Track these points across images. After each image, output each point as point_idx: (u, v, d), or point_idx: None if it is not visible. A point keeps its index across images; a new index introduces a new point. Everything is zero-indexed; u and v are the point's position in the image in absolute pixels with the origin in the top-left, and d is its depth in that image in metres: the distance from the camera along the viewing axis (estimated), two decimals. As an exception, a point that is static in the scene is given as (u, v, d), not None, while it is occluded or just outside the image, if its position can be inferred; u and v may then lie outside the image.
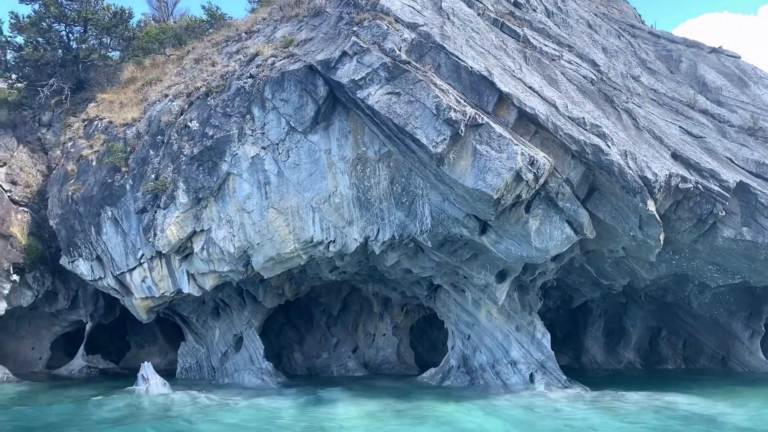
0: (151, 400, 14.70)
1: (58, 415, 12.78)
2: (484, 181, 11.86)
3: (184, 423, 11.59)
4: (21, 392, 16.86)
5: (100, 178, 19.15)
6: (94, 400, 14.73)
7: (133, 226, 18.03)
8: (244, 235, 15.66)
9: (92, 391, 16.97)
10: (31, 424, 11.90)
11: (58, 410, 13.52)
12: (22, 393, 16.68)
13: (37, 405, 14.37)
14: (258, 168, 15.28)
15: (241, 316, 20.26)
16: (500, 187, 11.70)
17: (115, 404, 14.26)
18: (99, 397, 15.17)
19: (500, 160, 11.73)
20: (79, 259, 19.13)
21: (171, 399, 14.59)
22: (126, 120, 20.03)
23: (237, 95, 15.78)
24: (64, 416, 12.77)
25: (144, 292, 18.36)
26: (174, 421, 11.79)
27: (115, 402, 14.57)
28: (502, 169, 11.69)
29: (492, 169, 11.78)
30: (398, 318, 22.59)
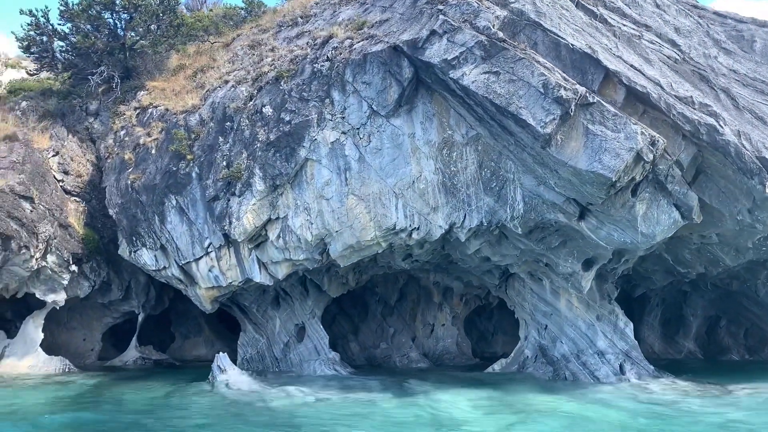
0: (242, 394, 14.01)
1: (165, 409, 12.25)
2: (600, 163, 11.23)
3: (316, 418, 10.91)
4: (96, 384, 16.34)
5: (162, 166, 18.66)
6: (191, 390, 14.16)
7: (200, 214, 17.55)
8: (322, 222, 15.12)
9: (163, 383, 16.52)
10: (144, 419, 11.37)
11: (157, 403, 12.97)
12: (99, 385, 16.17)
13: (124, 397, 13.83)
14: (338, 153, 14.71)
15: (304, 306, 19.77)
16: (620, 168, 11.07)
17: (206, 398, 13.62)
18: (191, 387, 14.64)
19: (618, 140, 11.09)
20: (142, 249, 18.68)
21: (260, 393, 14.00)
22: (186, 107, 19.50)
23: (313, 79, 15.19)
24: (167, 409, 12.25)
25: (210, 282, 17.90)
26: (304, 418, 11.04)
27: (204, 395, 13.95)
28: (621, 149, 11.05)
29: (609, 150, 11.15)
30: (458, 307, 22.05)
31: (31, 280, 19.63)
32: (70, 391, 14.83)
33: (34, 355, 20.57)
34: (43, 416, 11.42)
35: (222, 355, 16.38)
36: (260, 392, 13.99)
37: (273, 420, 10.93)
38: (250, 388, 14.58)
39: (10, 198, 18.63)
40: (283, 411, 11.78)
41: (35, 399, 13.58)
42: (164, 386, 15.90)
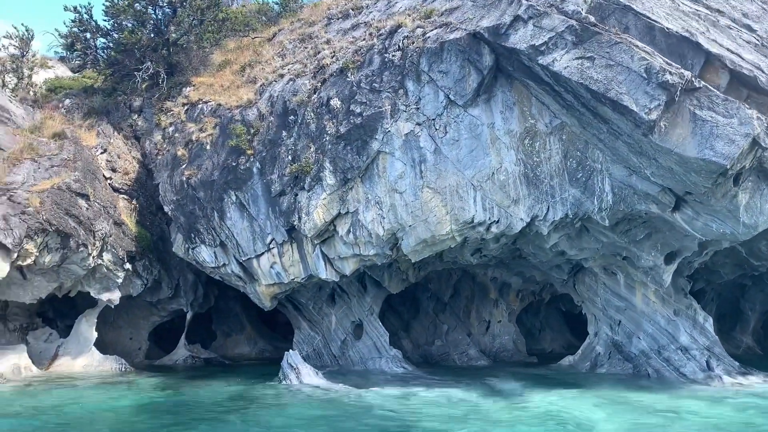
0: (325, 391, 13.51)
1: (257, 407, 11.78)
2: (712, 150, 10.69)
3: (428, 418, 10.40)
4: (165, 384, 15.89)
5: (220, 161, 18.29)
6: (268, 388, 13.62)
7: (261, 210, 17.17)
8: (395, 216, 14.67)
9: (230, 381, 16.08)
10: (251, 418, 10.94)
11: (244, 401, 12.47)
12: (168, 384, 15.72)
13: (204, 396, 13.39)
14: (412, 145, 14.24)
15: (363, 302, 19.35)
16: (735, 155, 10.52)
17: (293, 396, 13.06)
18: (265, 385, 14.14)
19: (731, 125, 10.55)
20: (200, 246, 18.33)
21: (345, 391, 13.46)
22: (240, 102, 19.11)
23: (384, 69, 14.72)
24: (260, 407, 11.78)
25: (272, 279, 17.51)
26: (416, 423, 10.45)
27: (289, 393, 13.39)
28: (735, 135, 10.51)
29: (722, 136, 10.61)
30: (514, 304, 21.54)
31: (86, 278, 19.34)
32: (145, 391, 14.43)
33: (89, 354, 20.29)
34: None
35: (293, 352, 15.97)
36: (345, 391, 13.52)
37: (384, 419, 10.38)
38: (330, 386, 14.12)
39: (67, 195, 18.32)
40: (386, 409, 11.25)
41: (123, 400, 13.13)
42: (235, 384, 15.44)
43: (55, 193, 17.98)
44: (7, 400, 13.03)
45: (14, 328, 21.23)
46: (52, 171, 19.63)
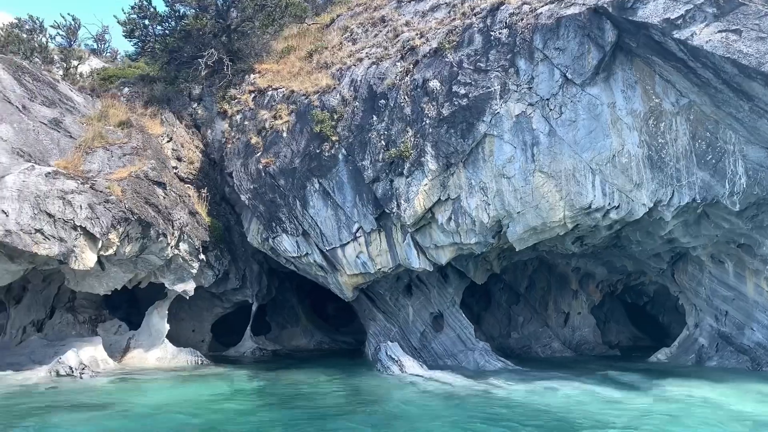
0: (443, 386, 12.74)
1: (375, 401, 11.08)
2: None
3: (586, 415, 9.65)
4: (256, 376, 15.23)
5: (300, 148, 17.67)
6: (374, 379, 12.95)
7: (347, 198, 16.54)
8: (501, 203, 13.95)
9: (328, 374, 15.36)
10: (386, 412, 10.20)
11: (360, 394, 11.74)
12: (261, 377, 15.05)
13: (310, 390, 12.73)
14: (523, 127, 13.50)
15: (444, 293, 18.69)
16: None
17: (407, 389, 12.28)
18: (366, 376, 13.48)
19: None
20: (282, 235, 17.74)
21: (465, 385, 12.69)
22: (319, 87, 18.45)
23: (490, 48, 13.97)
24: (378, 402, 11.11)
25: (357, 268, 16.89)
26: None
27: (401, 385, 12.56)
28: None
29: None
30: (594, 295, 20.78)
31: (160, 269, 18.83)
32: (247, 384, 13.82)
33: (162, 347, 19.79)
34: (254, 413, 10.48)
35: (392, 344, 15.36)
36: (464, 384, 12.83)
37: (541, 417, 9.65)
38: (442, 379, 13.42)
39: (145, 184, 17.78)
40: (541, 406, 10.46)
41: (238, 395, 12.52)
42: (333, 376, 14.71)
43: (134, 182, 17.45)
44: (130, 394, 12.35)
45: (84, 320, 20.82)
46: (126, 159, 19.11)
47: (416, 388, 12.40)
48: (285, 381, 14.25)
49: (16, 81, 20.03)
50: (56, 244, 14.60)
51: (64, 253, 14.77)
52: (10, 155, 16.57)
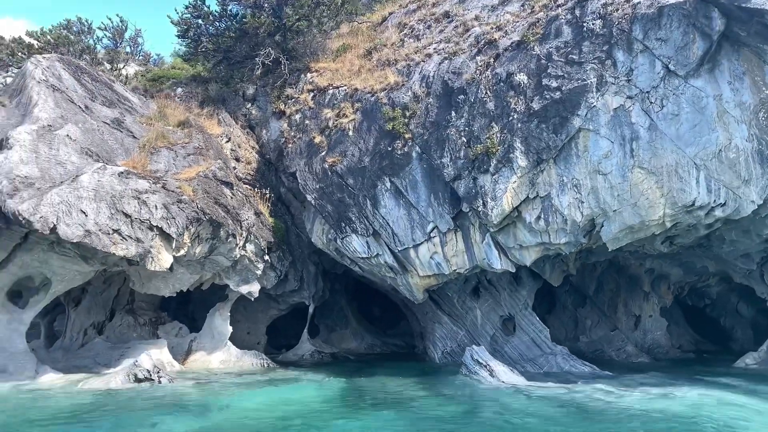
0: (549, 392, 12.05)
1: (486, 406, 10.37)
2: None
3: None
4: (339, 382, 14.66)
5: (368, 147, 17.22)
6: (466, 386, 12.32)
7: (421, 197, 16.03)
8: (596, 200, 13.33)
9: (407, 379, 14.77)
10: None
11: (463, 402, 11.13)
12: (344, 382, 14.47)
13: (409, 395, 12.12)
14: (622, 121, 12.87)
15: (516, 296, 18.08)
16: None
17: (514, 397, 11.51)
18: (455, 382, 12.83)
19: None
20: (351, 236, 17.28)
21: (576, 389, 11.96)
22: (386, 84, 18.00)
23: (582, 40, 13.37)
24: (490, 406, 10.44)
25: (431, 269, 16.37)
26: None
27: (504, 395, 11.84)
28: None
29: None
30: (666, 297, 20.00)
31: (225, 270, 18.49)
32: (331, 388, 13.32)
33: (225, 349, 19.46)
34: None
35: (479, 348, 14.77)
36: (569, 391, 12.19)
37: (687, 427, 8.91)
38: (542, 386, 12.77)
39: (213, 184, 17.45)
40: (665, 414, 9.73)
41: (337, 401, 11.99)
42: (422, 383, 14.06)
43: (203, 182, 17.12)
44: (228, 398, 11.86)
45: (144, 322, 20.56)
46: (190, 159, 18.83)
47: (522, 396, 11.75)
48: (373, 385, 13.68)
49: (76, 81, 19.88)
50: (133, 244, 14.27)
51: (141, 254, 14.45)
52: (80, 155, 16.34)
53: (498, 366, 13.90)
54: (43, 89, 18.07)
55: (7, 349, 15.43)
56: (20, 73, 19.77)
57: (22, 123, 16.73)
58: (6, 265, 14.65)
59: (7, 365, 15.15)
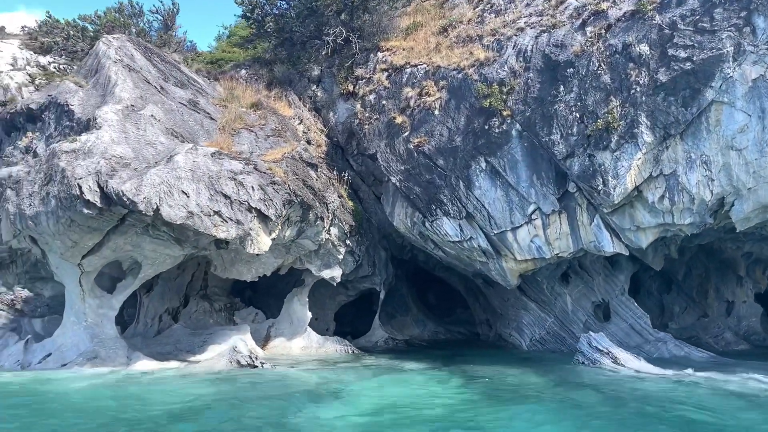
0: (710, 385, 11.01)
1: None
2: None
3: None
4: (451, 370, 13.97)
5: (459, 126, 16.43)
6: (600, 375, 11.57)
7: (522, 177, 15.24)
8: (728, 178, 12.46)
9: (513, 368, 14.07)
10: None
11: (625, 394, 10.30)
12: (455, 371, 13.76)
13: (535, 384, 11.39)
14: (761, 93, 11.94)
15: (612, 281, 17.29)
16: None
17: (680, 391, 10.53)
18: (579, 371, 12.06)
19: None
20: (442, 218, 16.56)
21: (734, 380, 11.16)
22: (475, 60, 17.17)
23: (714, 6, 12.42)
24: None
25: (530, 253, 15.62)
26: None
27: (655, 385, 10.97)
28: None
29: None
30: (761, 282, 19.06)
31: (307, 255, 17.90)
32: (443, 380, 12.63)
33: (305, 335, 18.96)
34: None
35: (598, 335, 14.04)
36: (717, 379, 11.40)
37: None
38: (678, 372, 11.95)
39: (300, 165, 16.83)
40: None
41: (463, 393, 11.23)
42: (529, 370, 13.35)
43: (291, 163, 16.50)
44: (351, 384, 11.26)
45: (219, 308, 20.13)
46: (271, 141, 18.22)
47: (672, 385, 10.96)
48: (490, 375, 12.92)
49: (148, 61, 19.33)
50: (234, 226, 13.69)
51: (241, 236, 13.87)
52: (166, 135, 15.79)
53: (621, 353, 13.15)
54: (120, 69, 17.54)
55: (98, 335, 15.03)
56: (92, 53, 19.25)
57: (103, 103, 16.21)
58: (99, 248, 14.16)
59: (99, 351, 14.74)
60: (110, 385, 11.47)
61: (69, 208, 12.75)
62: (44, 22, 28.13)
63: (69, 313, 15.11)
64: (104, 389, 10.94)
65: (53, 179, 13.23)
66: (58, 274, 15.11)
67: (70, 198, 12.69)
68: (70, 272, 14.70)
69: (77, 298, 14.92)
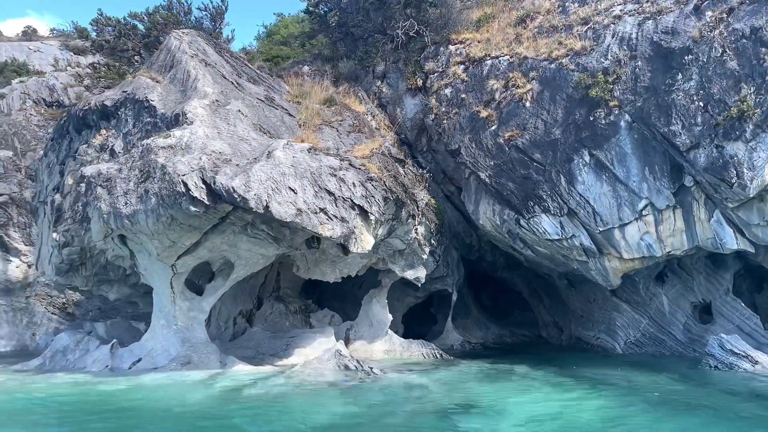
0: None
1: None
2: None
3: None
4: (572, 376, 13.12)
5: (557, 118, 15.62)
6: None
7: (632, 170, 14.40)
8: None
9: (668, 370, 13.11)
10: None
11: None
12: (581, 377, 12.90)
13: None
14: None
15: (716, 280, 16.36)
16: None
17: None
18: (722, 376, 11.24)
19: None
20: (541, 216, 15.74)
21: None
22: (569, 50, 16.36)
23: None
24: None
25: (639, 251, 14.75)
26: None
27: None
28: None
29: None
30: None
31: (391, 255, 17.14)
32: (569, 387, 11.81)
33: (387, 338, 18.19)
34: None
35: (730, 337, 13.16)
36: None
37: None
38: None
39: (390, 161, 16.09)
40: None
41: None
42: (660, 376, 12.50)
43: (381, 159, 15.78)
44: (490, 399, 10.39)
45: (295, 310, 19.43)
46: (353, 137, 17.52)
47: None
48: (627, 382, 12.01)
49: (220, 56, 18.70)
50: (338, 224, 12.96)
51: (345, 235, 13.13)
52: (255, 131, 15.11)
53: (762, 356, 12.28)
54: (197, 64, 16.91)
55: (189, 339, 14.36)
56: (163, 48, 18.63)
57: (186, 98, 15.57)
58: (195, 248, 13.50)
59: (191, 356, 14.06)
60: (230, 393, 10.75)
61: (172, 205, 12.07)
62: (95, 20, 27.66)
63: (158, 317, 14.45)
64: (232, 400, 10.18)
65: (151, 176, 12.56)
66: (147, 276, 14.45)
67: (173, 195, 12.01)
68: (161, 274, 14.05)
69: (167, 300, 14.26)
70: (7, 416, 9.39)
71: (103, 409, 9.53)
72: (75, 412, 9.35)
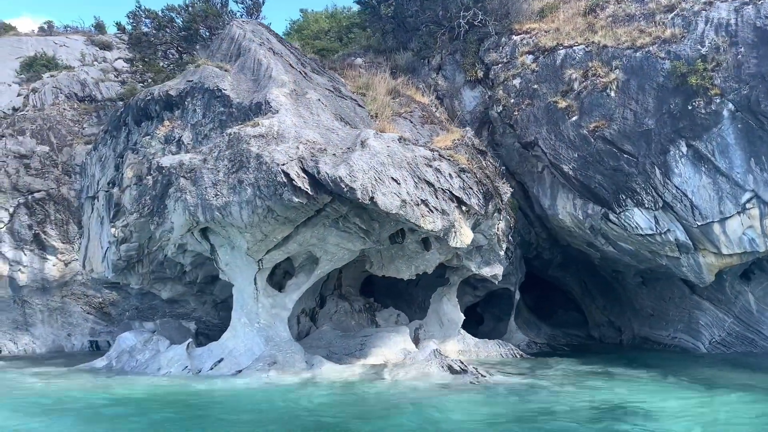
0: None
1: None
2: None
3: None
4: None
5: (648, 107, 14.95)
6: None
7: (735, 162, 13.75)
8: None
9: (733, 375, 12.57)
10: None
11: None
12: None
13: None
14: None
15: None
16: None
17: None
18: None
19: None
20: (633, 210, 15.06)
21: None
22: (656, 37, 15.72)
23: None
24: None
25: (740, 247, 14.08)
26: None
27: None
28: None
29: None
30: None
31: (468, 251, 16.42)
32: (688, 387, 11.14)
33: (459, 338, 17.48)
34: None
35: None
36: None
37: None
38: None
39: (474, 152, 15.41)
40: None
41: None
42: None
43: (466, 150, 15.09)
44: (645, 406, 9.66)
45: (359, 308, 18.71)
46: (428, 128, 16.85)
47: None
48: (746, 388, 11.35)
49: (283, 46, 18.03)
50: (439, 217, 12.26)
51: (446, 228, 12.44)
52: (337, 121, 14.42)
53: None
54: (266, 52, 16.23)
55: (273, 339, 13.64)
56: (226, 37, 17.93)
57: (261, 87, 14.88)
58: (285, 242, 12.78)
59: (276, 355, 13.33)
60: (346, 396, 10.04)
61: (271, 196, 11.36)
62: (132, 13, 26.94)
63: (239, 314, 13.72)
64: (362, 402, 9.44)
65: (244, 166, 11.85)
66: (228, 271, 13.73)
67: (273, 186, 11.30)
68: (244, 269, 13.33)
69: (250, 297, 13.54)
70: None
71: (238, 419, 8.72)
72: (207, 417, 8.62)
